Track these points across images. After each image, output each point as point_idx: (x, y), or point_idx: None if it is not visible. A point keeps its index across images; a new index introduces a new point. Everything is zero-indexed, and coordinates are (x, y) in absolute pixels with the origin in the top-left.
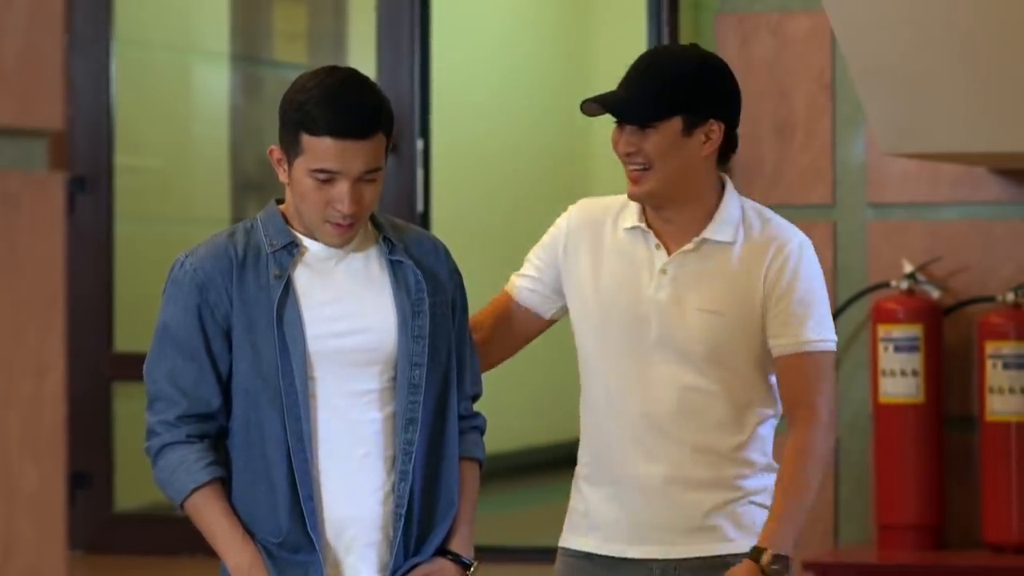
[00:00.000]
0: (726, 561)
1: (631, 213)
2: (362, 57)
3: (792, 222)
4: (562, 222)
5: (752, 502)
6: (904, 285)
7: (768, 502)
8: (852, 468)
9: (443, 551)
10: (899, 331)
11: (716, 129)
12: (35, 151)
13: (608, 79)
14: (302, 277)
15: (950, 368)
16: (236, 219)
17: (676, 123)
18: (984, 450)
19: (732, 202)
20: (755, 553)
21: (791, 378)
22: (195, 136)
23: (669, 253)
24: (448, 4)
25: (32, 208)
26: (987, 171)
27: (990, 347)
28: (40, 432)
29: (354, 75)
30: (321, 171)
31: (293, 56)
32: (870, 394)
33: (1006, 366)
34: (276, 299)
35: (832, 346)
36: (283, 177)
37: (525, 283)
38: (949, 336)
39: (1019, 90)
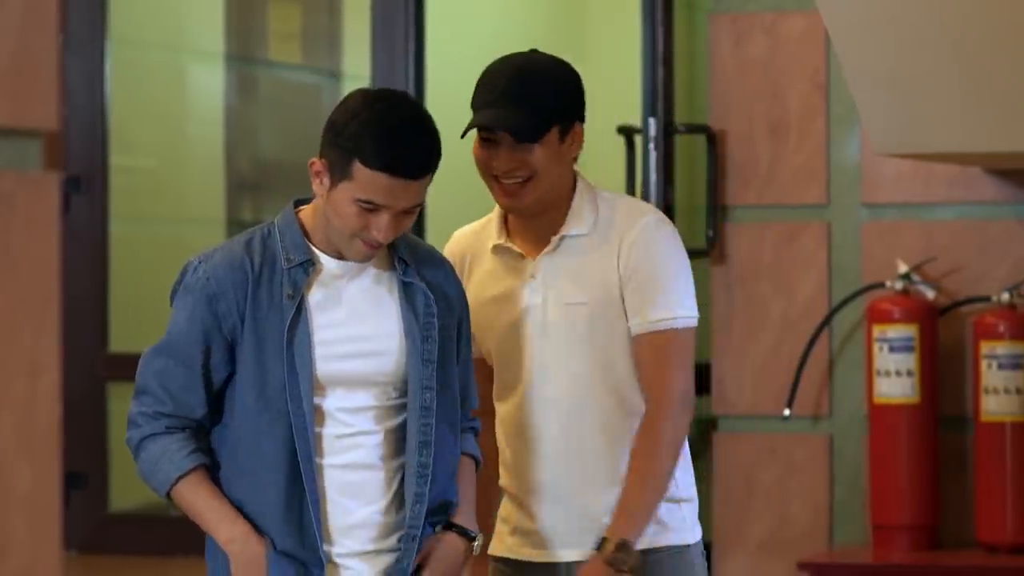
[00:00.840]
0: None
1: (492, 232)
2: (357, 57)
3: (786, 222)
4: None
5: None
6: (899, 285)
7: (672, 494)
8: (847, 468)
9: (448, 525)
10: (894, 331)
11: (580, 131)
12: (30, 151)
13: (603, 79)
14: (315, 296)
15: (945, 368)
16: (231, 219)
17: (555, 132)
18: (979, 450)
19: (585, 195)
20: (600, 544)
21: (642, 358)
22: (190, 136)
23: (534, 259)
24: (443, 3)
25: (27, 208)
26: (982, 171)
27: (985, 347)
28: (35, 432)
29: (413, 111)
30: (368, 202)
31: (288, 56)
32: (865, 394)
33: (1001, 366)
34: (288, 320)
35: (689, 322)
36: (318, 190)
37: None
38: (944, 336)
39: (1013, 90)
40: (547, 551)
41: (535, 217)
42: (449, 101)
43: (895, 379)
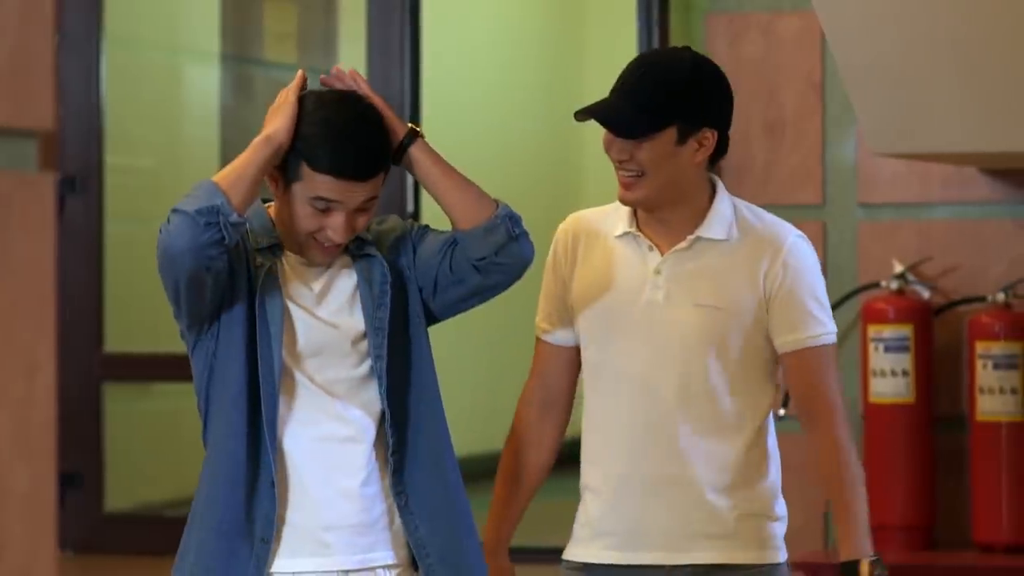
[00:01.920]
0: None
1: (621, 219)
2: (352, 57)
3: None
4: (556, 248)
5: (753, 513)
6: (894, 285)
7: (770, 511)
8: None
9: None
10: (889, 331)
11: (710, 136)
12: (26, 151)
13: (598, 79)
14: (282, 273)
15: (940, 368)
16: None
17: (671, 133)
18: (974, 450)
19: (724, 201)
20: (851, 566)
21: (800, 375)
22: (185, 136)
23: (662, 254)
24: (439, 4)
25: (23, 208)
26: (977, 171)
27: (980, 347)
28: (31, 432)
29: (361, 113)
30: (319, 199)
31: (283, 56)
32: (860, 394)
33: (996, 366)
34: (258, 288)
35: (834, 338)
36: (274, 190)
37: (558, 336)
38: (939, 336)
39: (1009, 90)
40: (644, 553)
41: (663, 212)
42: (444, 101)
43: (890, 379)
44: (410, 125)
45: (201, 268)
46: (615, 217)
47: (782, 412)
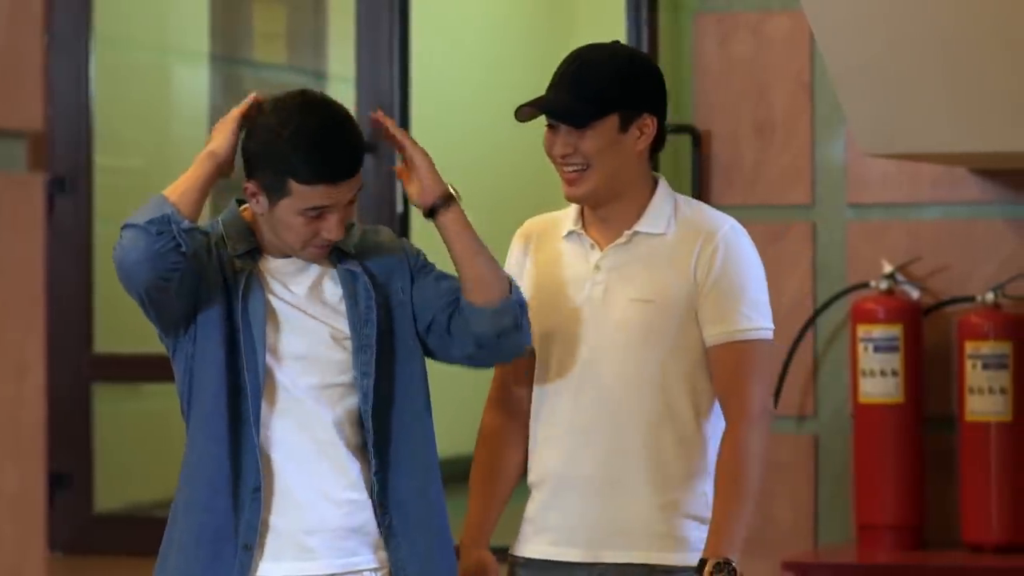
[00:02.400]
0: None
1: (568, 220)
2: (341, 57)
3: (771, 222)
4: (512, 253)
5: (688, 515)
6: (884, 285)
7: (704, 512)
8: (832, 468)
9: None
10: (879, 331)
11: (650, 123)
12: (15, 152)
13: None
14: (263, 279)
15: (929, 368)
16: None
17: (612, 121)
18: (963, 450)
19: (664, 197)
20: (702, 564)
21: (722, 369)
22: (175, 136)
23: (602, 250)
24: (428, 4)
25: (12, 209)
26: (967, 171)
27: (969, 347)
28: (20, 433)
29: (331, 115)
30: (312, 209)
31: (272, 56)
32: (849, 394)
33: (985, 366)
34: (240, 289)
35: (767, 334)
36: (256, 209)
37: None
38: (929, 336)
39: (998, 90)
40: (576, 550)
41: (605, 209)
42: (433, 101)
43: (880, 379)
44: (449, 187)
45: (159, 277)
46: (565, 219)
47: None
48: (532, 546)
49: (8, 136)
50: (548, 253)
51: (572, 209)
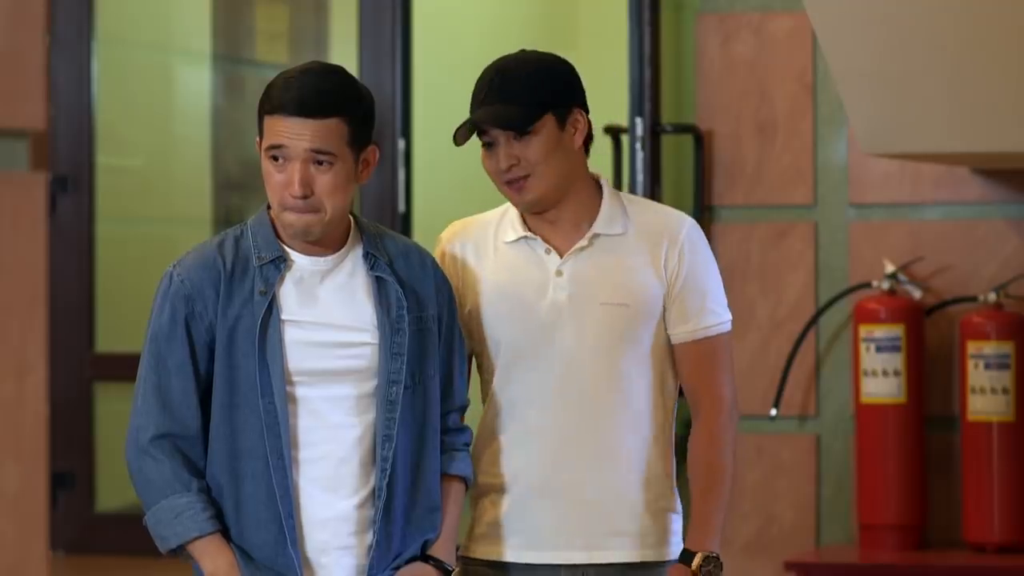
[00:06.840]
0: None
1: (510, 225)
2: (344, 57)
3: (774, 222)
4: (444, 261)
5: (662, 508)
6: (886, 285)
7: (675, 504)
8: (834, 468)
9: (424, 557)
10: (881, 331)
11: (580, 118)
12: (17, 151)
13: (590, 79)
14: (288, 292)
15: (932, 368)
16: (218, 219)
17: (550, 121)
18: (965, 450)
19: (612, 194)
20: (685, 557)
21: (692, 364)
22: (177, 136)
23: (561, 255)
24: (430, 4)
25: (14, 208)
26: (968, 171)
27: (971, 347)
28: (22, 432)
29: (325, 65)
30: (272, 147)
31: (274, 56)
32: (852, 394)
33: (987, 366)
34: (260, 316)
35: (730, 325)
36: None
37: None
38: (931, 336)
39: (1000, 90)
40: (544, 552)
41: (552, 212)
42: (435, 101)
43: (882, 379)
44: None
45: None
46: (502, 224)
47: (773, 412)
48: (500, 549)
49: (10, 135)
50: (497, 260)
51: (509, 213)
